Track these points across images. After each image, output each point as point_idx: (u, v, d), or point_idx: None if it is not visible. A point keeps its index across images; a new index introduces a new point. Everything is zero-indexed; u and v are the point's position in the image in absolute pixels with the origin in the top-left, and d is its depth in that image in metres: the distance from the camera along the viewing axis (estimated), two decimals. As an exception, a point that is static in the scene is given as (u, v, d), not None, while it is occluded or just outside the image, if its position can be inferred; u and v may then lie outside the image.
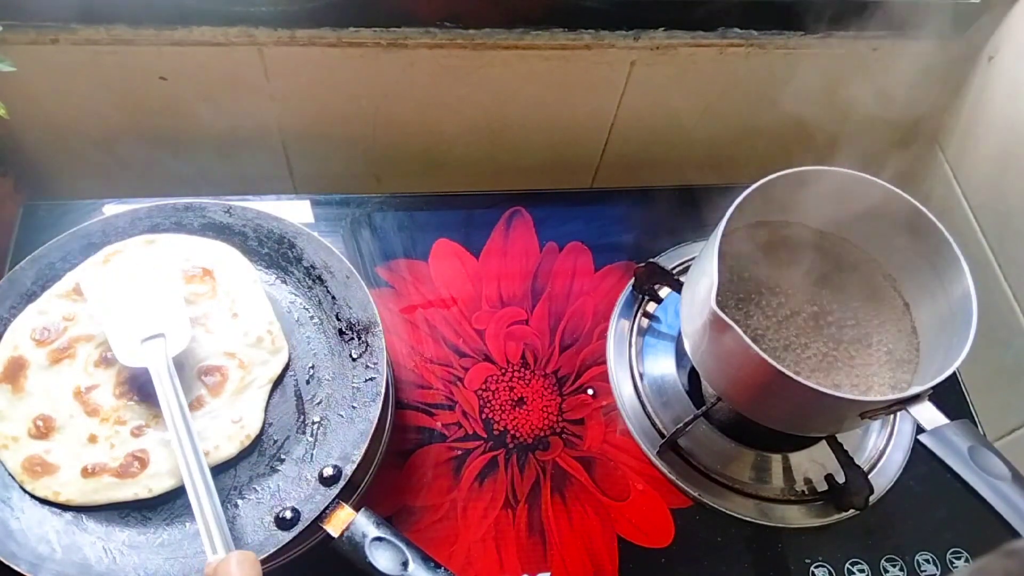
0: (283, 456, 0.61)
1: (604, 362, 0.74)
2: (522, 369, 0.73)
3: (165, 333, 0.60)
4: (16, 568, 0.53)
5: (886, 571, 0.66)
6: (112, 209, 0.74)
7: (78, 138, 0.85)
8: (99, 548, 0.55)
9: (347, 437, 0.60)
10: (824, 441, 0.69)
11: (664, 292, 0.78)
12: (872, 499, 0.67)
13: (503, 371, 0.73)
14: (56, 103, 0.81)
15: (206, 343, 0.64)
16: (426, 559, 0.53)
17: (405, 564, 0.53)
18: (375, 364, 0.63)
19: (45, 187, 0.90)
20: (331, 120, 0.87)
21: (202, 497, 0.52)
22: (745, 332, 0.54)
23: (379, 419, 0.60)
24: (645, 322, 0.77)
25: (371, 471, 0.65)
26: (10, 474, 0.58)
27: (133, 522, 0.57)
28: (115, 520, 0.57)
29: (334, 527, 0.55)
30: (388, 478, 0.66)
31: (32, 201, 0.77)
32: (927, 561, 0.67)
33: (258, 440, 0.61)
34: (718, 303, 0.55)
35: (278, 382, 0.64)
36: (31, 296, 0.64)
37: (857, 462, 0.67)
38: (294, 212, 0.78)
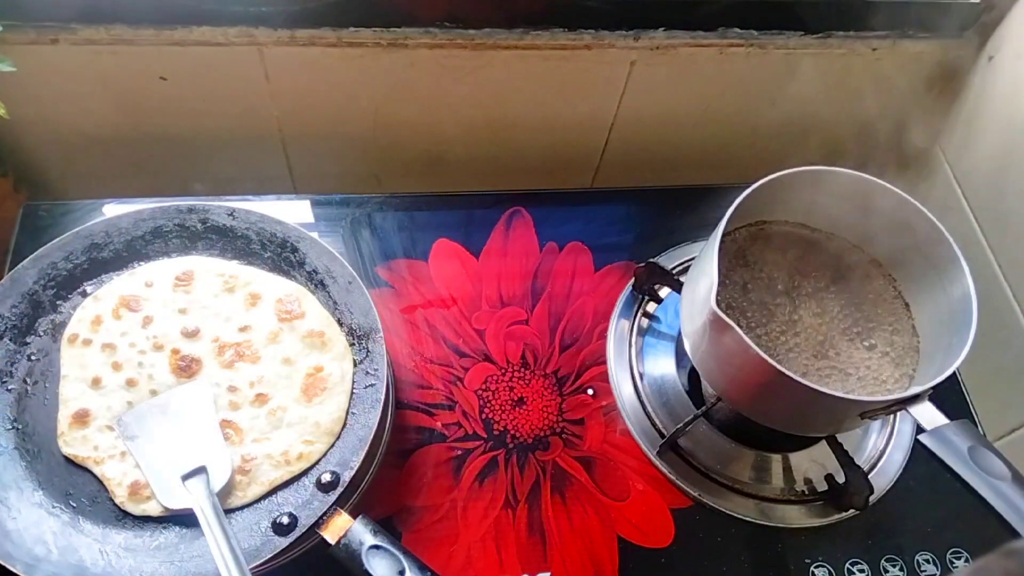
0: (283, 457, 0.60)
1: (604, 362, 0.74)
2: (522, 369, 0.73)
3: (207, 466, 0.57)
4: (12, 569, 0.52)
5: (886, 571, 0.66)
6: (112, 209, 0.74)
7: (78, 138, 0.85)
8: (95, 550, 0.55)
9: (346, 443, 0.60)
10: (824, 441, 0.69)
11: (664, 292, 0.78)
12: (872, 499, 0.67)
13: (503, 371, 0.73)
14: (56, 103, 0.81)
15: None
16: (423, 568, 0.53)
17: (402, 573, 0.53)
18: (376, 371, 0.63)
19: (45, 187, 0.90)
20: (331, 120, 0.87)
21: None
22: (745, 332, 0.54)
23: (378, 423, 0.60)
24: (645, 322, 0.77)
25: (370, 472, 0.65)
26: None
27: (129, 524, 0.57)
28: (111, 522, 0.57)
29: (331, 534, 0.55)
30: (388, 478, 0.66)
31: (32, 201, 0.77)
32: (927, 561, 0.67)
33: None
34: (718, 303, 0.55)
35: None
36: (33, 295, 0.64)
37: (857, 462, 0.67)
38: (294, 212, 0.78)
